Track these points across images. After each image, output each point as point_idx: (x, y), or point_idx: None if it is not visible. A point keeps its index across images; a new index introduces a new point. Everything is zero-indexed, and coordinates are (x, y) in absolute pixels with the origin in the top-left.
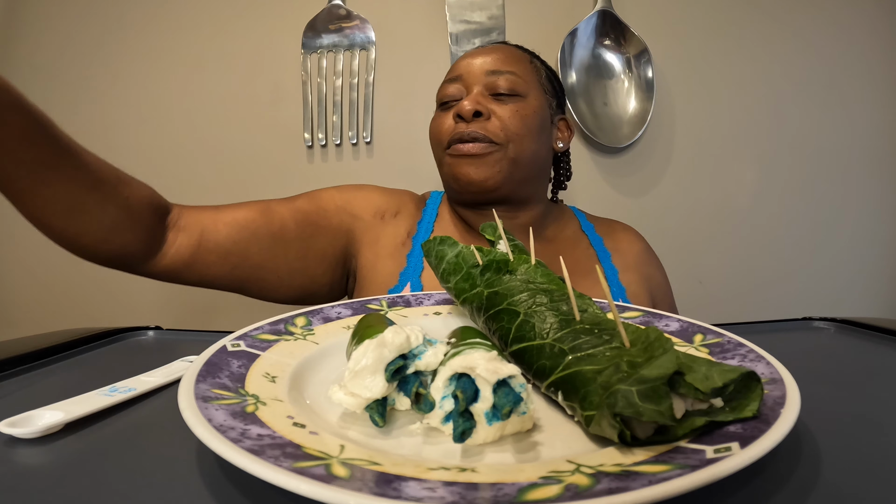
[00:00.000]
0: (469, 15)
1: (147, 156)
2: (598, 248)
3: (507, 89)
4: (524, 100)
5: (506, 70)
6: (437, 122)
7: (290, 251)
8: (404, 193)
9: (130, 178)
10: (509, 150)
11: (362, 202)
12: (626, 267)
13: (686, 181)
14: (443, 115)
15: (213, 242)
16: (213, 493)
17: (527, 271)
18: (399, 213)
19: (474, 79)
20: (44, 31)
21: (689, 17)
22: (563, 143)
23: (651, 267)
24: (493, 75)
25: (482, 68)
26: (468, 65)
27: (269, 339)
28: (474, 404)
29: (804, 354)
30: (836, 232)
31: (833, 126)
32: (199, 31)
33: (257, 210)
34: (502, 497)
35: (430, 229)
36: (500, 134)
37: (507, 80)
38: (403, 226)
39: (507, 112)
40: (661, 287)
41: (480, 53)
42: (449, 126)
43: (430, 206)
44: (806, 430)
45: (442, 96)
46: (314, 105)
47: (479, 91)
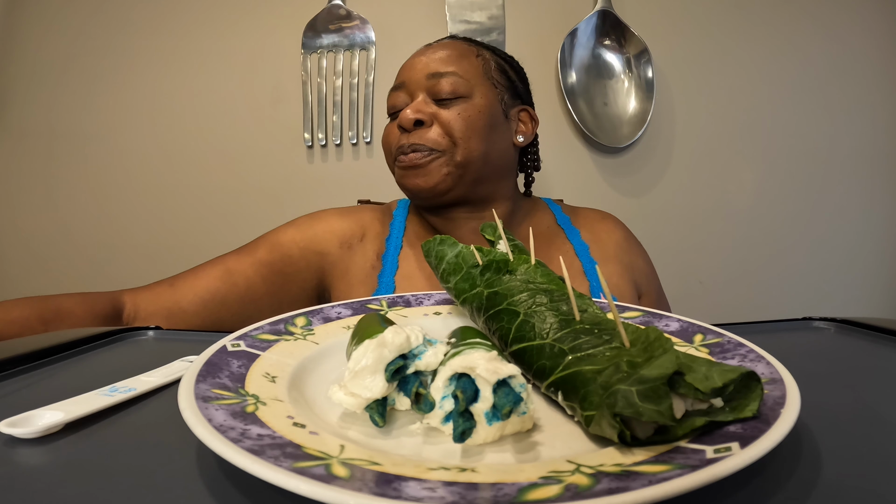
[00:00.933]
0: (469, 15)
1: (147, 156)
2: (575, 241)
3: (449, 92)
4: (468, 100)
5: (446, 71)
6: (385, 133)
7: (262, 306)
8: (365, 211)
9: (72, 307)
10: (456, 153)
11: (325, 235)
12: (606, 258)
13: (686, 181)
14: (390, 125)
15: (181, 319)
16: (213, 493)
17: (527, 271)
18: (365, 236)
19: (416, 84)
20: (45, 32)
21: (689, 17)
22: (525, 137)
23: (632, 255)
24: (433, 78)
25: (423, 72)
26: (410, 69)
27: (269, 339)
28: (474, 404)
29: (804, 354)
30: (836, 232)
31: (833, 126)
32: (200, 32)
33: (217, 277)
34: (502, 497)
35: (399, 245)
36: (441, 141)
37: (448, 82)
38: (371, 248)
39: (450, 116)
40: (645, 275)
41: (423, 54)
42: (395, 136)
43: (397, 217)
44: (806, 430)
45: (390, 106)
46: (314, 105)
47: (422, 98)
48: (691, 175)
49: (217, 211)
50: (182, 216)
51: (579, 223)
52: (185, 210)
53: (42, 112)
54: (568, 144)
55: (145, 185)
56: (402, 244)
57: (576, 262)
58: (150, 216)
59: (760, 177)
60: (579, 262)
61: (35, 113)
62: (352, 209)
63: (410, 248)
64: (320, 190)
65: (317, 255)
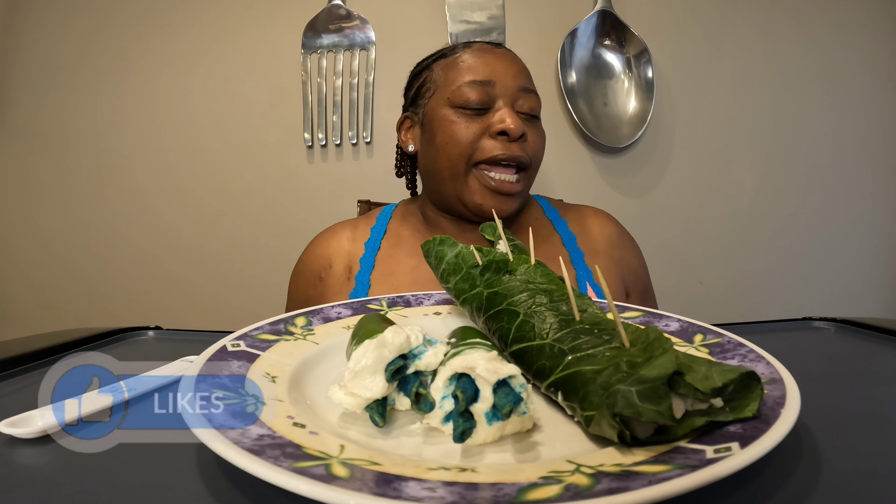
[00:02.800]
0: (469, 15)
1: (147, 156)
2: (563, 231)
3: (534, 111)
4: (540, 124)
5: (533, 89)
6: (461, 130)
7: None
8: (329, 240)
9: None
10: (531, 175)
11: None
12: (594, 251)
13: (686, 181)
14: (467, 121)
15: None
16: (213, 493)
17: (526, 271)
18: (332, 266)
19: (506, 90)
20: (45, 32)
21: (689, 17)
22: None
23: (624, 250)
24: (525, 93)
25: (516, 81)
26: (495, 70)
27: (269, 339)
28: (474, 404)
29: (804, 354)
30: (836, 232)
31: (833, 126)
32: (200, 32)
33: None
34: (502, 497)
35: (371, 262)
36: (531, 158)
37: (534, 101)
38: (341, 264)
39: (536, 136)
40: (635, 271)
41: (504, 59)
42: (488, 144)
43: (380, 221)
44: (806, 430)
45: (466, 99)
46: (314, 105)
47: (510, 106)
48: (691, 175)
49: (217, 211)
50: (182, 216)
51: (568, 216)
52: (185, 209)
53: (42, 112)
54: (568, 144)
55: (145, 184)
56: (375, 264)
57: (563, 251)
58: (150, 216)
59: (760, 177)
60: (566, 251)
61: (35, 113)
62: (315, 246)
63: (392, 248)
64: (320, 190)
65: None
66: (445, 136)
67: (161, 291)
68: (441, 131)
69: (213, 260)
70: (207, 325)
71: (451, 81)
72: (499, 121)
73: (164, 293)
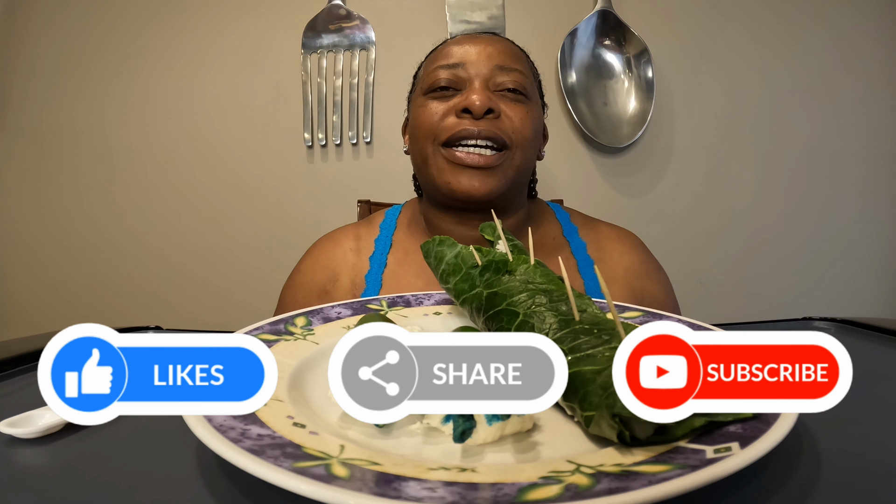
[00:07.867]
0: (469, 15)
1: (147, 156)
2: (580, 255)
3: (516, 88)
4: (530, 103)
5: (514, 67)
6: (427, 112)
7: None
8: (333, 250)
9: None
10: (516, 156)
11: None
12: (612, 279)
13: (686, 181)
14: (434, 104)
15: None
16: (213, 493)
17: (526, 272)
18: (338, 279)
19: (477, 69)
20: (44, 31)
21: (689, 17)
22: (543, 152)
23: (646, 280)
24: (501, 70)
25: (489, 60)
26: (467, 52)
27: (269, 339)
28: None
29: None
30: (836, 232)
31: (832, 126)
32: (200, 32)
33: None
34: (502, 497)
35: (378, 281)
36: (511, 136)
37: (516, 77)
38: (347, 278)
39: (517, 113)
40: (658, 302)
41: (481, 41)
42: (450, 121)
43: (379, 248)
44: (806, 430)
45: (434, 81)
46: (314, 105)
47: (482, 84)
48: (691, 175)
49: (217, 210)
50: (182, 216)
51: (588, 236)
52: (184, 210)
53: (42, 111)
54: (568, 144)
55: (145, 184)
56: (383, 283)
57: (578, 279)
58: (150, 216)
59: (760, 177)
60: (581, 279)
61: (36, 112)
62: (322, 252)
63: (398, 266)
64: (320, 190)
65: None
66: (416, 122)
67: (161, 291)
68: (413, 119)
69: (212, 259)
70: (207, 325)
71: (427, 71)
72: (464, 98)
73: (164, 292)
